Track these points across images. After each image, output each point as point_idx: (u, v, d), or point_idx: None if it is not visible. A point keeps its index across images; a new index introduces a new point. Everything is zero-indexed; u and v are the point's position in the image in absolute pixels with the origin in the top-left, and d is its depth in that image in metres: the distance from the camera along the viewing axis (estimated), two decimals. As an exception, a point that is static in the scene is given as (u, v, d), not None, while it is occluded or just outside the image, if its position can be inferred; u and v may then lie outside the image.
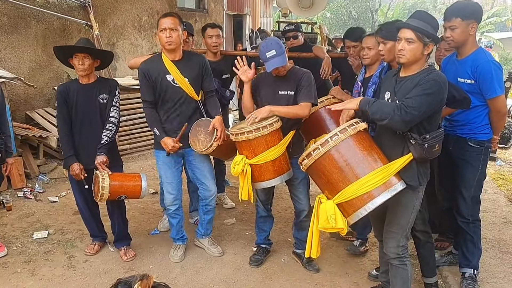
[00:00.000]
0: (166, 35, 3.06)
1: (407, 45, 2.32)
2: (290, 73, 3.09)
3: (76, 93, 3.25)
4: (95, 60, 3.26)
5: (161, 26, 3.08)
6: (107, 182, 3.13)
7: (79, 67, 3.17)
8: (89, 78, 3.28)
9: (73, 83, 3.34)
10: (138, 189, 3.28)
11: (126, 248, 3.56)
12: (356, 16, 27.77)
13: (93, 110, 3.27)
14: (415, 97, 2.26)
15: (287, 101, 3.04)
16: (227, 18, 11.05)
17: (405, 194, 2.41)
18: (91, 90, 3.27)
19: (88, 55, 3.19)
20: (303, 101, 2.99)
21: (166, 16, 3.11)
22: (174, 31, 3.07)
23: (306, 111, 2.98)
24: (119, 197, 3.25)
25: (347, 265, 3.49)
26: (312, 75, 3.11)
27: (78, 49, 3.18)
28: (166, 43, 3.09)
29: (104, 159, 3.20)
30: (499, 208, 4.66)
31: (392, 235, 2.55)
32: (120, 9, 7.47)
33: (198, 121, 3.26)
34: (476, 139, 2.94)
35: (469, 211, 3.01)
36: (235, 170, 2.94)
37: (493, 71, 2.79)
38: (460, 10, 2.80)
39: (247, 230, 4.09)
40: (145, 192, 3.32)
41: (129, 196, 3.30)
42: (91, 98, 3.26)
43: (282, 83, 3.08)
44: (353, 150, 2.33)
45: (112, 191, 3.16)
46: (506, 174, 6.20)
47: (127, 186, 3.26)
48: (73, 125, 3.29)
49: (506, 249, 3.70)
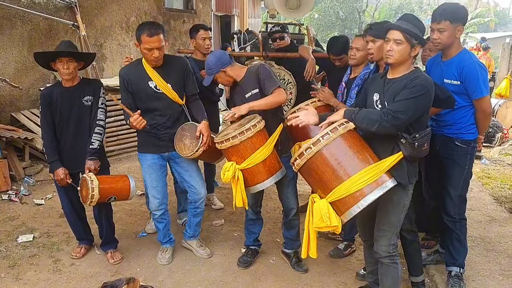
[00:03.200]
0: (154, 55, 3.01)
1: (395, 46, 2.37)
2: (248, 74, 3.13)
3: (60, 97, 3.20)
4: (78, 62, 3.22)
5: (146, 45, 2.98)
6: (96, 184, 3.08)
7: (64, 71, 3.12)
8: (73, 81, 3.23)
9: (57, 86, 3.29)
10: (127, 190, 3.26)
11: (113, 251, 3.53)
12: (344, 17, 27.94)
13: (77, 113, 3.23)
14: (402, 101, 2.32)
15: (255, 100, 3.05)
16: (215, 19, 11.04)
17: (396, 192, 2.44)
18: (75, 93, 3.22)
19: (73, 58, 3.14)
20: (273, 88, 2.99)
21: (152, 35, 2.95)
22: (161, 49, 3.03)
23: (283, 95, 2.99)
24: (109, 198, 3.22)
25: (335, 265, 3.50)
26: (265, 66, 3.14)
27: (63, 54, 3.12)
28: (153, 61, 3.06)
29: (97, 165, 3.19)
30: (484, 206, 4.73)
31: (383, 233, 2.57)
32: (108, 9, 7.41)
33: (183, 125, 3.24)
34: (462, 139, 2.98)
35: (456, 210, 3.05)
36: (225, 176, 2.92)
37: (478, 72, 2.83)
38: (450, 13, 2.84)
39: (235, 231, 4.08)
40: (133, 193, 3.30)
41: (118, 197, 3.27)
42: (75, 101, 3.22)
43: (246, 86, 3.12)
44: (344, 149, 2.35)
45: (102, 193, 3.11)
46: (491, 172, 6.29)
47: (115, 187, 3.23)
48: (58, 128, 3.24)
49: (491, 246, 3.75)
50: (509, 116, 9.22)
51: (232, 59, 3.18)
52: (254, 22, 13.50)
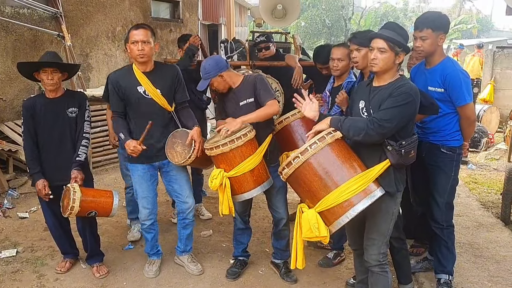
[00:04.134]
0: (138, 48, 3.01)
1: (379, 54, 2.39)
2: (244, 82, 3.14)
3: (44, 108, 3.16)
4: (63, 73, 3.19)
5: (132, 38, 3.02)
6: (78, 196, 3.02)
7: (48, 82, 3.08)
8: (57, 92, 3.20)
9: (40, 97, 3.25)
10: (109, 206, 3.20)
11: (98, 264, 3.46)
12: (330, 25, 28.18)
13: (61, 125, 3.19)
14: (387, 109, 2.33)
15: (249, 109, 3.06)
16: (202, 27, 11.05)
17: (384, 201, 2.44)
18: (59, 104, 3.19)
19: (57, 69, 3.11)
20: (268, 100, 3.01)
21: (138, 28, 3.05)
22: (147, 44, 3.02)
23: (276, 107, 3.02)
24: (89, 212, 3.15)
25: (325, 274, 3.48)
26: (263, 76, 3.18)
27: (47, 64, 3.09)
28: (138, 56, 3.03)
29: (82, 175, 3.15)
30: (471, 212, 4.75)
31: (373, 242, 2.57)
32: (93, 19, 7.38)
33: (174, 132, 3.21)
34: (448, 146, 3.00)
35: (443, 217, 3.06)
36: (213, 184, 2.91)
37: (461, 80, 2.87)
38: (431, 22, 2.87)
39: (224, 242, 4.04)
40: (115, 210, 3.24)
41: (99, 212, 3.20)
42: (59, 112, 3.18)
43: (241, 94, 3.12)
44: (332, 158, 2.35)
45: (83, 206, 3.05)
46: (477, 177, 6.34)
47: (98, 202, 3.17)
48: (41, 140, 3.20)
49: (480, 252, 3.76)
50: (493, 121, 9.36)
51: (229, 65, 3.19)
52: (241, 30, 13.55)
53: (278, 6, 5.79)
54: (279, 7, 5.79)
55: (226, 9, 10.32)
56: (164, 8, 9.74)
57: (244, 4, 14.85)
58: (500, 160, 7.34)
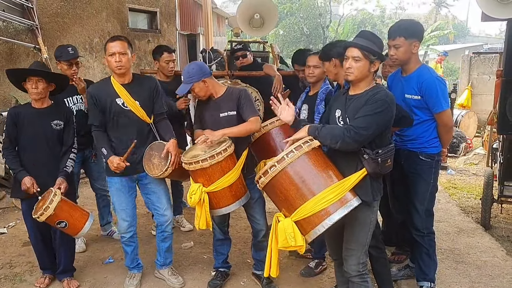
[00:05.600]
0: (115, 60, 3.00)
1: (354, 63, 2.39)
2: (227, 93, 3.12)
3: (28, 118, 3.15)
4: (49, 84, 3.17)
5: (109, 51, 3.02)
6: (57, 200, 2.97)
7: (33, 90, 3.09)
8: (43, 103, 3.19)
9: (26, 107, 3.26)
10: (81, 224, 3.13)
11: (69, 279, 3.40)
12: (308, 33, 28.43)
13: (44, 136, 3.17)
14: (363, 117, 2.33)
15: (229, 121, 3.03)
16: (181, 37, 11.02)
17: (361, 210, 2.43)
18: (44, 115, 3.18)
19: (42, 78, 3.10)
20: (251, 116, 3.01)
21: (114, 40, 3.04)
22: (124, 55, 3.01)
23: (258, 125, 3.02)
24: (59, 222, 3.05)
25: (307, 283, 3.45)
26: (248, 91, 3.16)
27: (32, 72, 3.10)
28: (116, 68, 3.02)
29: (66, 185, 3.12)
30: (452, 218, 4.79)
31: (352, 252, 2.55)
32: (70, 31, 7.30)
33: (151, 145, 3.17)
34: (426, 153, 3.02)
35: (423, 224, 3.07)
36: (192, 200, 2.86)
37: (438, 87, 2.89)
38: (404, 30, 2.90)
39: (205, 254, 3.98)
40: (83, 233, 3.19)
41: (69, 226, 3.08)
42: (43, 123, 3.17)
43: (222, 105, 3.09)
44: (309, 167, 2.34)
45: (57, 212, 2.98)
46: (457, 182, 6.42)
47: (72, 215, 3.09)
48: (21, 149, 3.18)
49: (460, 258, 3.78)
50: (472, 126, 9.52)
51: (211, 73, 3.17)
52: (219, 40, 13.58)
53: (256, 15, 5.79)
54: (257, 16, 5.78)
55: (204, 19, 10.30)
56: (142, 19, 9.70)
57: (222, 14, 14.91)
58: (479, 165, 7.46)
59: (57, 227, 3.11)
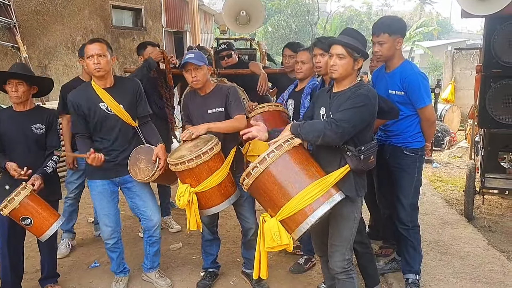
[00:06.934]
0: (93, 62, 2.93)
1: (338, 61, 2.40)
2: (216, 90, 3.11)
3: (9, 120, 3.06)
4: (31, 87, 3.07)
5: (87, 53, 2.96)
6: (24, 193, 2.83)
7: (13, 94, 3.00)
8: (24, 106, 3.09)
9: (7, 110, 3.17)
10: (47, 224, 2.94)
11: (53, 285, 3.32)
12: (297, 30, 28.49)
13: (25, 139, 3.07)
14: (345, 110, 2.34)
15: (217, 118, 3.02)
16: (167, 35, 10.93)
17: (345, 206, 2.44)
18: (25, 118, 3.08)
19: (23, 81, 3.00)
20: (237, 114, 3.00)
21: (93, 42, 2.99)
22: (102, 57, 2.95)
23: (244, 122, 3.00)
24: (24, 218, 2.88)
25: (296, 280, 3.47)
26: (236, 89, 3.15)
27: (11, 75, 3.00)
28: (95, 70, 2.95)
29: (40, 182, 2.94)
30: (436, 210, 4.87)
31: (336, 248, 2.56)
32: (51, 29, 7.17)
33: (137, 148, 3.11)
34: (410, 148, 3.05)
35: (408, 218, 3.10)
36: (181, 202, 2.82)
37: (420, 82, 2.93)
38: (387, 26, 2.93)
39: (194, 254, 3.96)
40: (48, 235, 2.97)
41: (34, 224, 2.91)
42: (23, 127, 3.06)
43: (210, 102, 3.07)
44: (291, 165, 2.34)
45: (22, 206, 2.82)
46: (442, 175, 6.52)
47: (39, 213, 2.91)
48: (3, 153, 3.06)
49: (445, 250, 3.85)
50: (455, 120, 9.67)
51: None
52: (207, 37, 13.48)
53: (242, 12, 5.78)
54: (243, 14, 5.78)
55: (190, 16, 10.22)
56: (127, 16, 9.58)
57: (209, 11, 14.81)
58: (463, 158, 7.58)
59: (21, 224, 2.93)
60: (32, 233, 3.02)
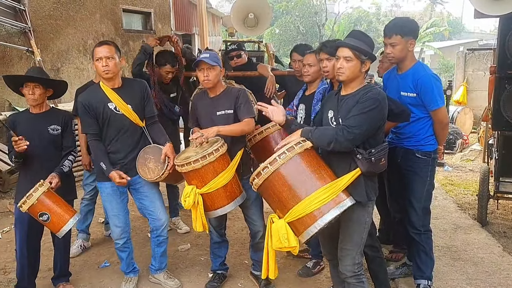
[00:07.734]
0: (102, 64, 2.98)
1: (345, 63, 2.38)
2: (226, 92, 3.12)
3: (26, 123, 3.13)
4: (47, 89, 3.14)
5: (96, 56, 3.00)
6: (42, 190, 2.91)
7: (29, 97, 3.07)
8: (40, 108, 3.17)
9: (24, 112, 3.28)
10: (64, 221, 3.00)
11: (64, 284, 3.37)
12: (304, 31, 28.42)
13: (42, 141, 3.12)
14: (355, 116, 2.32)
15: (226, 120, 3.02)
16: (176, 38, 10.98)
17: (356, 210, 2.41)
18: (41, 120, 3.15)
19: (39, 84, 3.07)
20: (246, 117, 3.00)
21: (101, 45, 3.03)
22: (111, 60, 2.99)
23: (252, 126, 3.02)
24: (41, 214, 2.95)
25: (305, 284, 3.44)
26: (246, 92, 3.16)
27: (28, 79, 3.07)
28: (103, 72, 3.00)
29: (57, 181, 3.03)
30: (449, 214, 4.79)
31: (347, 252, 2.53)
32: (63, 33, 7.26)
33: (145, 148, 3.13)
34: (422, 151, 3.01)
35: (420, 222, 3.06)
36: (187, 203, 2.83)
37: (433, 84, 2.89)
38: (400, 28, 2.89)
39: (202, 256, 3.96)
40: (65, 231, 3.03)
41: (51, 220, 2.98)
42: (40, 128, 3.13)
43: (219, 103, 3.08)
44: (301, 168, 2.33)
45: (40, 202, 2.91)
46: (454, 179, 6.43)
47: (56, 210, 2.98)
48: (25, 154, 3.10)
49: (458, 255, 3.78)
50: (468, 122, 9.54)
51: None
52: (215, 40, 13.53)
53: (250, 15, 5.77)
54: (251, 16, 5.77)
55: (198, 19, 10.27)
56: (136, 20, 9.67)
57: (217, 14, 14.88)
58: (475, 161, 7.46)
59: (39, 220, 2.99)
60: (50, 229, 3.09)
